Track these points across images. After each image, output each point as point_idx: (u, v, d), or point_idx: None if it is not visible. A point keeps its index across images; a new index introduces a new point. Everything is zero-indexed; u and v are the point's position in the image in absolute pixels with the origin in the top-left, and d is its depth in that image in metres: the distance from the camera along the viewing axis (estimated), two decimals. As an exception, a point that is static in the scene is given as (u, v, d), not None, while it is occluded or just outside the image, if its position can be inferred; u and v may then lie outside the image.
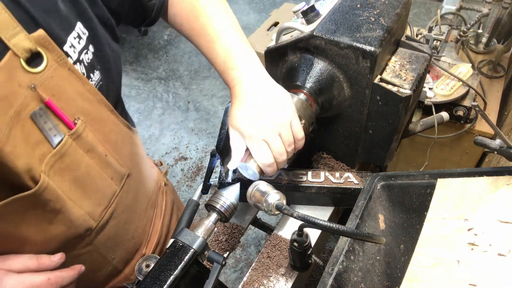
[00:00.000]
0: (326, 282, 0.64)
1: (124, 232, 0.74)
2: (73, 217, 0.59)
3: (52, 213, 0.56)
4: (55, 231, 0.58)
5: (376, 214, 0.78)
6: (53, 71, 0.52)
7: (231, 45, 0.69)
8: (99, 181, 0.63)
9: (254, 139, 0.66)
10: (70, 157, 0.57)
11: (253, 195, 0.78)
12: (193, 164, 2.44)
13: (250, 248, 2.05)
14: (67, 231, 0.60)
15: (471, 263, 0.59)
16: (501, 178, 0.69)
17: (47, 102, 0.52)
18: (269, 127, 0.66)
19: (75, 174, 0.58)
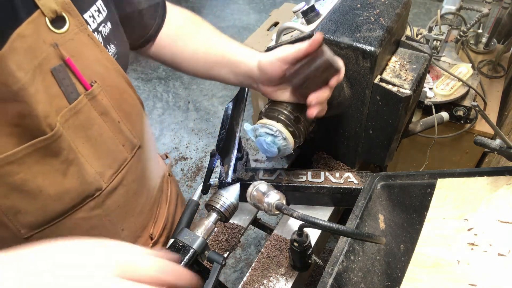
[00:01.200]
0: (326, 282, 0.64)
1: (134, 203, 0.76)
2: (84, 173, 0.62)
3: (65, 163, 0.59)
4: (68, 184, 0.60)
5: (376, 214, 0.78)
6: (74, 34, 0.57)
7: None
8: (111, 145, 0.66)
9: None
10: (84, 116, 0.60)
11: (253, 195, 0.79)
12: (193, 164, 2.44)
13: (250, 248, 2.05)
14: (79, 187, 0.62)
15: (471, 263, 0.60)
16: (501, 178, 0.69)
17: (67, 60, 0.56)
18: None
19: (87, 133, 0.61)
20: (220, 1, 3.80)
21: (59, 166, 0.58)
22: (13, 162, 0.54)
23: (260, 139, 0.80)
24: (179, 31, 0.82)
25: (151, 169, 0.82)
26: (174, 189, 0.96)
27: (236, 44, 0.80)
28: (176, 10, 0.84)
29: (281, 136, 0.77)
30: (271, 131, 0.78)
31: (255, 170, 0.95)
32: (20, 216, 0.58)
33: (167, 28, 0.82)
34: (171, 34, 0.82)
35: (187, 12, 0.85)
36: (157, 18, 0.79)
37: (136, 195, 0.76)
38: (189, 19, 0.84)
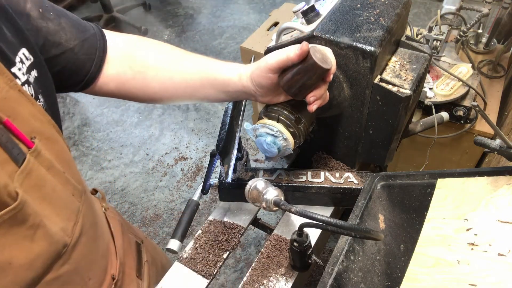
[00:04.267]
0: (326, 282, 0.64)
1: (95, 249, 0.75)
2: (51, 233, 0.59)
3: (33, 228, 0.56)
4: (38, 249, 0.57)
5: (376, 214, 0.78)
6: (5, 93, 0.53)
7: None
8: (64, 197, 0.63)
9: None
10: (35, 175, 0.57)
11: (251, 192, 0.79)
12: (193, 164, 2.44)
13: (250, 248, 2.05)
14: (49, 248, 0.59)
15: (471, 263, 0.60)
16: (501, 178, 0.69)
17: (5, 122, 0.52)
18: None
19: (42, 191, 0.58)
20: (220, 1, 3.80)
21: (26, 233, 0.55)
22: None
23: (260, 139, 0.80)
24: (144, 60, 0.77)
25: (97, 210, 0.80)
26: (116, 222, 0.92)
27: (215, 62, 0.76)
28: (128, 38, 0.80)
29: (281, 137, 0.77)
30: (271, 131, 0.78)
31: (255, 170, 0.95)
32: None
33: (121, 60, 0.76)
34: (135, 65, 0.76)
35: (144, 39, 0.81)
36: (97, 51, 0.73)
37: (95, 241, 0.75)
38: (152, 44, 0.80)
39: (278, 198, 0.74)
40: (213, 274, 0.83)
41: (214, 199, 2.23)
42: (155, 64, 0.76)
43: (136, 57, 0.77)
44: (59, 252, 0.61)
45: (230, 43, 3.25)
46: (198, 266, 0.84)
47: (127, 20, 3.45)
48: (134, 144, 2.62)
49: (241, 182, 0.91)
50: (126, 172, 2.47)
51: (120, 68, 0.76)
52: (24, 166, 0.54)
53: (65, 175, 0.64)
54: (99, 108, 2.89)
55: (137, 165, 2.49)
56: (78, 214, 0.66)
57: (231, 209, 0.96)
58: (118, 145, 2.64)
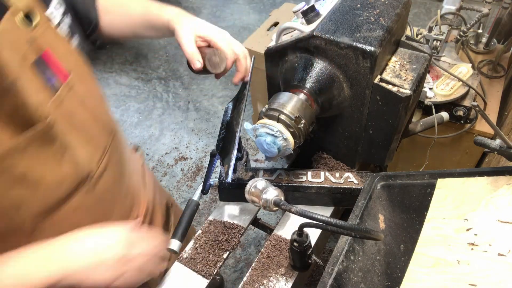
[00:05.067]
0: (326, 282, 0.64)
1: (119, 186, 0.80)
2: (77, 159, 0.66)
3: (60, 150, 0.62)
4: (64, 171, 0.64)
5: (376, 214, 0.78)
6: (43, 30, 0.61)
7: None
8: (93, 131, 0.70)
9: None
10: (67, 105, 0.64)
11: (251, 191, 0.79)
12: (193, 164, 2.44)
13: (250, 248, 2.05)
14: (74, 173, 0.65)
15: (471, 263, 0.60)
16: (501, 178, 0.69)
17: (44, 54, 0.60)
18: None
19: (72, 121, 0.65)
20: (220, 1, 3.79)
21: (55, 154, 0.62)
22: (15, 153, 0.56)
23: (260, 139, 0.80)
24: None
25: (127, 154, 0.87)
26: (151, 179, 1.01)
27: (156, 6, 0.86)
28: None
29: (281, 137, 0.77)
30: (271, 131, 0.78)
31: (255, 170, 0.95)
32: (24, 207, 0.60)
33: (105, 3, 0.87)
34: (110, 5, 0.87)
35: None
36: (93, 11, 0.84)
37: (120, 179, 0.80)
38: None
39: (278, 198, 0.74)
40: (213, 274, 0.83)
41: (214, 199, 2.23)
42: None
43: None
44: (83, 178, 0.67)
45: (230, 43, 3.26)
46: (198, 266, 0.84)
47: (127, 20, 3.45)
48: (134, 144, 2.62)
49: (241, 182, 0.91)
50: (126, 172, 2.47)
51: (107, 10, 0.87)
52: (57, 95, 0.61)
53: (95, 112, 0.71)
54: (99, 108, 2.90)
55: (137, 165, 2.49)
56: (105, 150, 0.73)
57: (231, 209, 0.96)
58: (118, 145, 2.64)
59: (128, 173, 0.85)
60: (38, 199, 0.62)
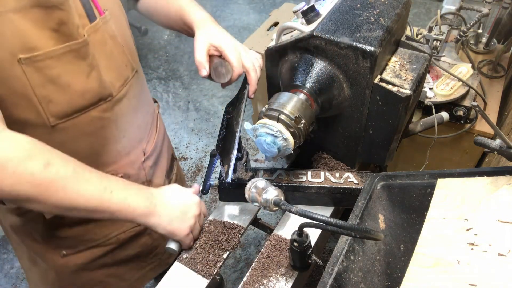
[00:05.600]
0: (326, 282, 0.64)
1: (134, 116, 0.92)
2: (102, 78, 0.77)
3: (90, 67, 0.74)
4: (90, 84, 0.75)
5: (376, 214, 0.78)
6: None
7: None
8: (118, 62, 0.83)
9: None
10: (100, 35, 0.76)
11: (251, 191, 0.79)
12: (193, 164, 2.44)
13: (250, 248, 2.05)
14: (97, 89, 0.77)
15: (471, 263, 0.60)
16: (501, 178, 0.69)
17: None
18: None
19: (103, 48, 0.77)
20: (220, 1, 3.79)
21: (84, 68, 0.74)
22: (53, 57, 0.68)
23: (260, 139, 0.80)
24: None
25: (145, 93, 1.00)
26: (161, 125, 1.13)
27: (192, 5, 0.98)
28: None
29: (281, 137, 0.77)
30: (271, 131, 0.78)
31: (255, 170, 0.95)
32: (51, 105, 0.72)
33: None
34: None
35: None
36: None
37: (135, 110, 0.92)
38: None
39: (278, 198, 0.74)
40: (213, 274, 0.83)
41: (214, 199, 2.23)
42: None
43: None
44: (105, 96, 0.79)
45: (230, 43, 3.26)
46: (198, 266, 0.84)
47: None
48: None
49: (241, 182, 0.91)
50: (126, 172, 2.47)
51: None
52: (94, 24, 0.74)
53: (123, 48, 0.84)
54: (99, 108, 2.90)
55: (137, 165, 2.49)
56: (126, 80, 0.85)
57: (231, 209, 0.96)
58: (118, 145, 2.64)
59: (143, 110, 0.98)
60: (65, 101, 0.73)
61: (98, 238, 0.97)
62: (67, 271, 0.99)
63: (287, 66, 0.88)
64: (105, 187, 0.70)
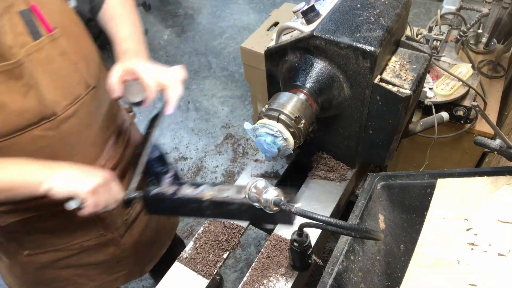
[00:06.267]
0: (326, 282, 0.64)
1: (86, 134, 0.89)
2: (42, 97, 0.75)
3: (26, 87, 0.73)
4: (27, 104, 0.74)
5: (376, 214, 0.78)
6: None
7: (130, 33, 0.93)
8: (67, 81, 0.80)
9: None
10: (46, 53, 0.74)
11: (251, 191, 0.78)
12: (193, 164, 2.44)
13: (250, 248, 2.05)
14: (36, 108, 0.75)
15: (471, 263, 0.60)
16: (501, 178, 0.69)
17: (32, 6, 0.72)
18: None
19: (47, 67, 0.75)
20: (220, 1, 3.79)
21: (20, 88, 0.73)
22: None
23: (260, 139, 0.80)
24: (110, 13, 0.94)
25: (107, 109, 0.96)
26: (136, 135, 1.09)
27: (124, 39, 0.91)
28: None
29: (281, 137, 0.77)
30: (271, 131, 0.77)
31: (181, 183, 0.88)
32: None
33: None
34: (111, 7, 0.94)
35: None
36: None
37: (89, 127, 0.89)
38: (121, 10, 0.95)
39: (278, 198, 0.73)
40: (213, 274, 0.83)
41: (214, 199, 2.23)
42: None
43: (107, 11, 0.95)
44: (47, 115, 0.77)
45: (230, 43, 3.25)
46: (198, 266, 0.84)
47: (127, 20, 3.45)
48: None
49: (164, 197, 0.85)
50: (126, 172, 2.47)
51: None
52: (38, 42, 0.73)
53: (76, 66, 0.81)
54: (99, 108, 2.90)
55: (137, 165, 2.49)
56: (77, 98, 0.82)
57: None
58: (118, 145, 2.64)
59: (101, 127, 0.94)
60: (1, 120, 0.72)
61: (59, 244, 0.98)
62: (32, 267, 1.00)
63: (287, 66, 0.88)
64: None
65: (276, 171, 1.05)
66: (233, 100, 2.82)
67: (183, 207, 0.84)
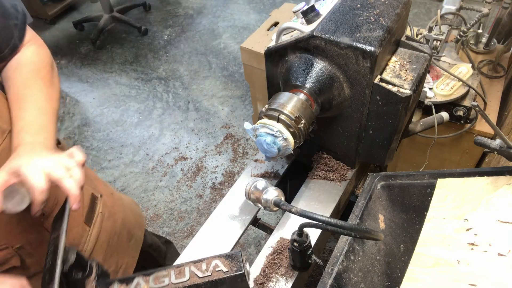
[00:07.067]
0: (326, 282, 0.64)
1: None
2: None
3: None
4: None
5: (376, 214, 0.78)
6: None
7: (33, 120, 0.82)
8: None
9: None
10: None
11: (251, 192, 0.79)
12: (193, 164, 2.44)
13: (250, 248, 2.05)
14: None
15: (471, 263, 0.60)
16: (501, 178, 0.69)
17: None
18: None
19: None
20: (220, 1, 3.79)
21: None
22: None
23: (260, 139, 0.80)
24: (17, 71, 0.85)
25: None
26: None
27: (22, 130, 0.80)
28: (34, 52, 0.88)
29: (281, 137, 0.77)
30: (271, 131, 0.78)
31: (107, 283, 0.75)
32: None
33: (17, 56, 0.85)
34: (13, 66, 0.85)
35: (41, 61, 0.88)
36: (13, 39, 0.83)
37: None
38: (34, 68, 0.86)
39: (278, 198, 0.74)
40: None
41: (214, 199, 2.23)
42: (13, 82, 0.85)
43: (12, 75, 0.86)
44: None
45: (230, 43, 3.26)
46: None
47: (127, 20, 3.45)
48: (134, 144, 2.62)
49: None
50: (126, 172, 2.46)
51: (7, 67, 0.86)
52: None
53: None
54: (99, 108, 2.89)
55: (137, 165, 2.49)
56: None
57: (231, 209, 0.96)
58: (118, 145, 2.63)
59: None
60: None
61: None
62: None
63: (287, 66, 0.88)
64: None
65: (276, 171, 1.05)
66: (233, 100, 2.82)
67: None
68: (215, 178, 2.33)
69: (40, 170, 0.69)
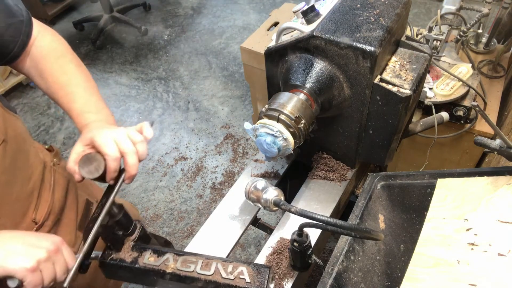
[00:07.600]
0: (326, 282, 0.64)
1: (7, 192, 0.82)
2: None
3: None
4: None
5: (376, 214, 0.78)
6: None
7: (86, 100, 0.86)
8: None
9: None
10: None
11: (251, 192, 0.79)
12: (193, 164, 2.44)
13: (250, 248, 2.05)
14: None
15: (471, 263, 0.60)
16: (501, 178, 0.69)
17: None
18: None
19: None
20: (220, 1, 3.79)
21: None
22: None
23: (260, 139, 0.80)
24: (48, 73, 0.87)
25: (23, 160, 0.88)
26: (60, 176, 0.99)
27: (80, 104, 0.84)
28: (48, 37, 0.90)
29: (281, 137, 0.77)
30: (271, 131, 0.78)
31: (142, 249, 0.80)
32: None
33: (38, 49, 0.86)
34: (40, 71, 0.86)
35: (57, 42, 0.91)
36: (21, 35, 0.83)
37: (8, 185, 0.82)
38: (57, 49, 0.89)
39: (278, 198, 0.74)
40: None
41: (214, 199, 2.23)
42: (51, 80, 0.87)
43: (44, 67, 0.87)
44: None
45: (230, 43, 3.26)
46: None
47: (127, 20, 3.45)
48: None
49: (122, 264, 0.78)
50: (126, 172, 2.47)
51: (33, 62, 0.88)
52: None
53: None
54: (99, 108, 2.90)
55: (137, 165, 2.49)
56: None
57: (231, 209, 0.96)
58: (118, 145, 2.64)
59: (21, 179, 0.86)
60: None
61: None
62: None
63: (287, 66, 0.88)
64: None
65: (276, 171, 1.05)
66: (233, 100, 2.82)
67: (142, 277, 0.77)
68: (215, 178, 2.33)
69: (112, 140, 0.74)
